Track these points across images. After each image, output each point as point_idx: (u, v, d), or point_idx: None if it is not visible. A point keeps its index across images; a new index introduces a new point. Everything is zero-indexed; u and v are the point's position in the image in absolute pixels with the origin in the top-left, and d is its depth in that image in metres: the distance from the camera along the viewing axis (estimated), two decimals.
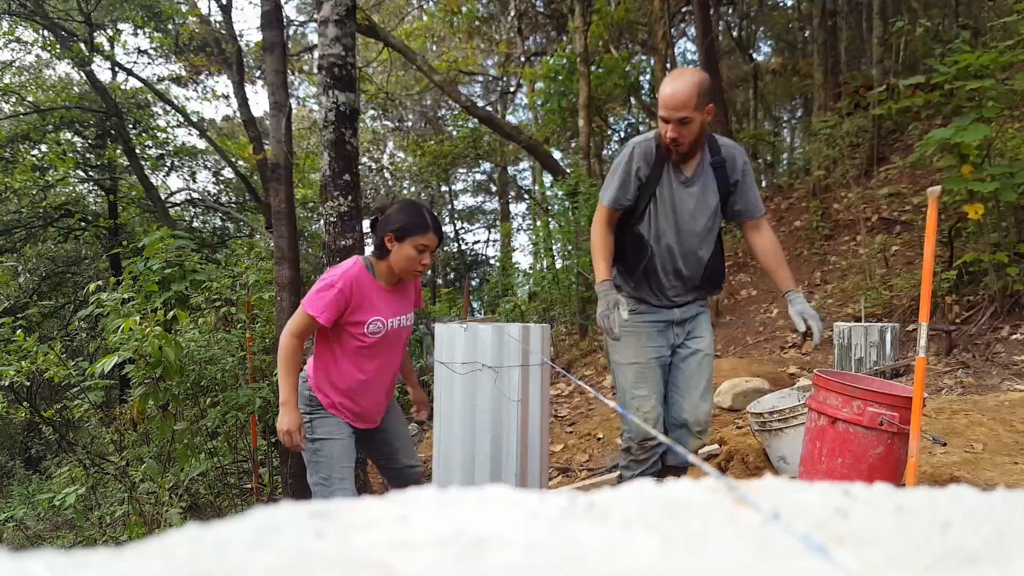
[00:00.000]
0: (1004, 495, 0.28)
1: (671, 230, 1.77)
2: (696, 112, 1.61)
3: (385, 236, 1.68)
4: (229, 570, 0.21)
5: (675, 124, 1.62)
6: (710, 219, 1.76)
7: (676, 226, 1.76)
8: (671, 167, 1.74)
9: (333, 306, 1.64)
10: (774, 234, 1.81)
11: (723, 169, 1.74)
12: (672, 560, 0.23)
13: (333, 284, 1.65)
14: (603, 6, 9.82)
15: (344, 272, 1.67)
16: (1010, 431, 2.47)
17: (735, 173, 1.75)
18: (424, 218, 1.68)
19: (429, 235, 1.68)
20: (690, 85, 1.59)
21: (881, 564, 0.23)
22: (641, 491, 0.27)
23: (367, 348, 1.73)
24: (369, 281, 1.72)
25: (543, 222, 9.41)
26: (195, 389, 3.21)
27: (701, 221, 1.75)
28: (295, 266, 3.41)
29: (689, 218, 1.75)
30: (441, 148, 12.28)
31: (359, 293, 1.68)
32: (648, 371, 1.81)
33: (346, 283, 1.65)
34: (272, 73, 3.40)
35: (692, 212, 1.74)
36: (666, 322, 1.84)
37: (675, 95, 1.60)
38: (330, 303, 1.63)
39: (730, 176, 1.75)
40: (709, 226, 1.77)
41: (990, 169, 3.89)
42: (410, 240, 1.66)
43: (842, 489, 0.28)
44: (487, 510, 0.25)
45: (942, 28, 8.57)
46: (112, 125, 9.74)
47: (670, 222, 1.76)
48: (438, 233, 1.72)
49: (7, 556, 0.21)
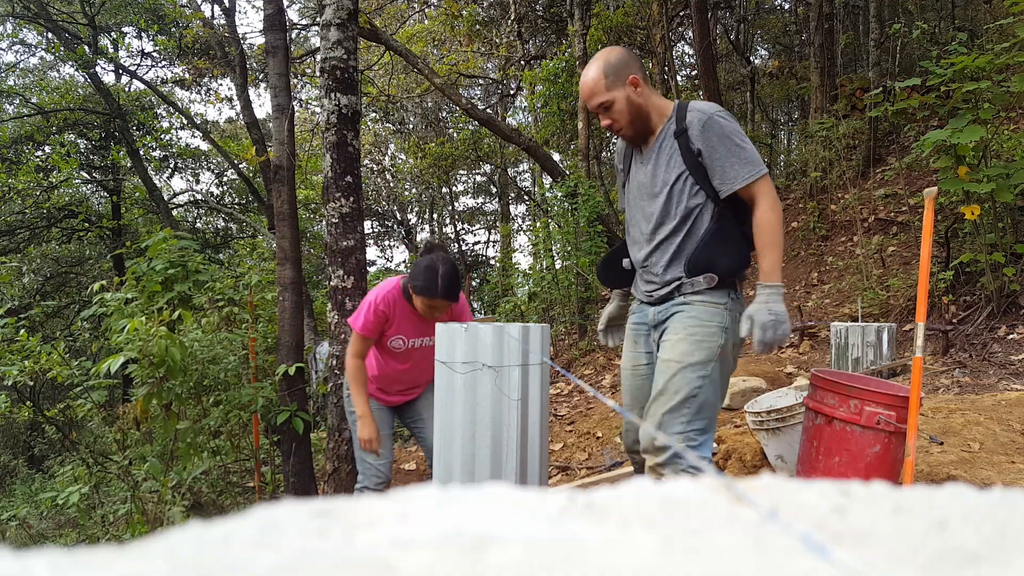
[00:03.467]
0: (1003, 495, 0.28)
1: (631, 212, 1.62)
2: (612, 92, 1.48)
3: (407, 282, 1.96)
4: (231, 568, 0.21)
5: (601, 113, 1.51)
6: (667, 195, 1.50)
7: (633, 208, 1.61)
8: (635, 151, 1.61)
9: (375, 324, 1.97)
10: (772, 212, 1.43)
11: (685, 138, 1.48)
12: (671, 558, 0.23)
13: (374, 305, 1.96)
14: (602, 10, 9.83)
15: (385, 294, 1.98)
16: (1007, 430, 2.47)
17: (696, 141, 1.46)
18: (435, 284, 1.87)
19: (437, 300, 1.90)
20: (595, 70, 1.49)
21: (879, 563, 0.23)
22: (640, 490, 0.28)
23: (396, 353, 2.08)
24: (403, 304, 2.01)
25: (543, 223, 9.41)
26: (198, 388, 3.21)
27: (658, 198, 1.51)
28: (297, 266, 3.41)
29: (642, 196, 1.56)
30: (442, 150, 12.29)
31: (394, 313, 1.99)
32: (624, 380, 1.69)
33: (386, 303, 1.97)
34: (275, 76, 3.41)
35: (647, 189, 1.54)
36: (644, 324, 1.64)
37: (584, 86, 1.51)
38: (372, 322, 1.97)
39: (692, 144, 1.46)
40: (668, 203, 1.51)
41: (986, 170, 3.89)
42: (420, 298, 1.91)
43: (840, 488, 0.28)
44: (487, 508, 0.26)
45: (938, 31, 8.57)
46: (116, 127, 9.76)
47: (631, 205, 1.62)
48: (449, 297, 1.89)
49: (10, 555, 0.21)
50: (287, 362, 3.31)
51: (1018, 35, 3.63)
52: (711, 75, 8.42)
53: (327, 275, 2.92)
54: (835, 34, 9.60)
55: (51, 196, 10.00)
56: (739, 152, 1.44)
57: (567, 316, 7.18)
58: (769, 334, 1.36)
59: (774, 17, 13.46)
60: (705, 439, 1.47)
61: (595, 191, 7.27)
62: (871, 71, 8.39)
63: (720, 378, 1.50)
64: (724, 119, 1.47)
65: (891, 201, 7.06)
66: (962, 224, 4.68)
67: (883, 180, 7.45)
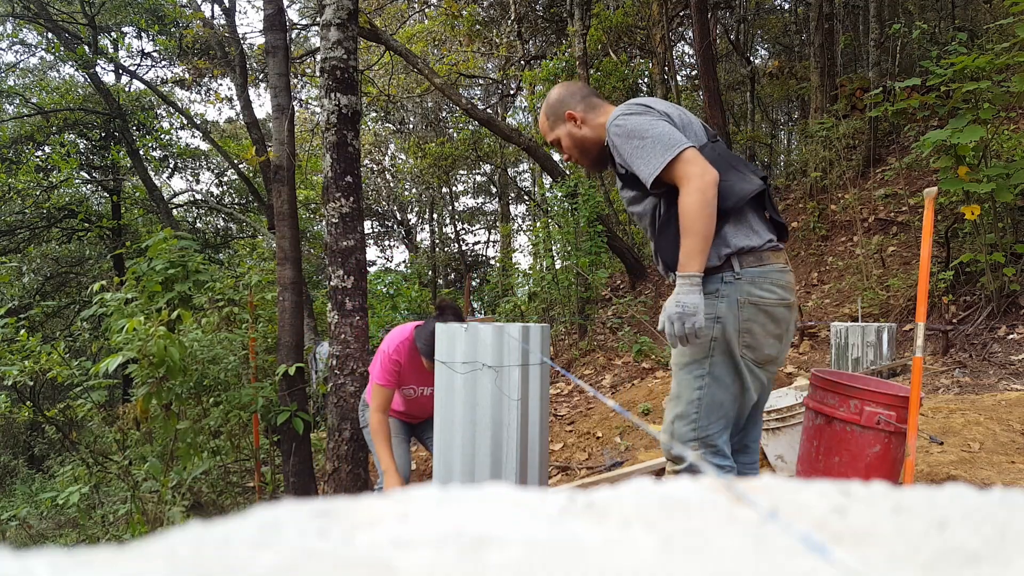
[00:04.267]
0: (1003, 495, 0.28)
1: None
2: (556, 131, 1.56)
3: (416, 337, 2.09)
4: (231, 568, 0.21)
5: (558, 149, 1.61)
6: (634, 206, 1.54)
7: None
8: None
9: (392, 373, 2.09)
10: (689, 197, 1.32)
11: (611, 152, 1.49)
12: (671, 558, 0.23)
13: (388, 355, 2.09)
14: (602, 10, 9.83)
15: (398, 344, 2.11)
16: (1007, 430, 2.47)
17: (614, 152, 1.46)
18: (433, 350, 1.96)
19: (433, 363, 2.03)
20: (541, 112, 1.60)
21: (879, 563, 0.23)
22: (640, 490, 0.28)
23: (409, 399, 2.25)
24: (414, 354, 2.12)
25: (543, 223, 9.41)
26: (198, 388, 3.21)
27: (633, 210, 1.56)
28: (297, 266, 3.41)
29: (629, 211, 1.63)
30: (442, 150, 12.30)
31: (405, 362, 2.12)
32: None
33: (398, 353, 2.10)
34: (275, 76, 3.41)
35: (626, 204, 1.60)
36: None
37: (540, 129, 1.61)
38: (390, 371, 2.09)
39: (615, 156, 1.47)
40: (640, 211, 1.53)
41: (986, 170, 3.89)
42: (426, 360, 2.04)
43: (840, 488, 0.28)
44: (487, 508, 0.26)
45: (938, 31, 8.58)
46: (116, 127, 9.76)
47: None
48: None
49: (10, 555, 0.21)
50: (287, 362, 3.31)
51: (1018, 35, 3.63)
52: (711, 75, 8.42)
53: (327, 275, 2.92)
54: (835, 34, 9.60)
55: (51, 196, 10.01)
56: (640, 148, 1.38)
57: (567, 316, 7.18)
58: (677, 326, 1.30)
59: (774, 17, 13.47)
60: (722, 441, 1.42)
61: (595, 191, 7.27)
62: (871, 71, 8.39)
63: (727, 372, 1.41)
64: (619, 124, 1.42)
65: (891, 201, 7.07)
66: (962, 224, 4.69)
67: (883, 180, 7.45)
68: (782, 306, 1.42)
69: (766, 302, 1.40)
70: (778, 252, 1.46)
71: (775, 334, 1.42)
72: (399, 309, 8.95)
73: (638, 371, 5.35)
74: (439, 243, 17.84)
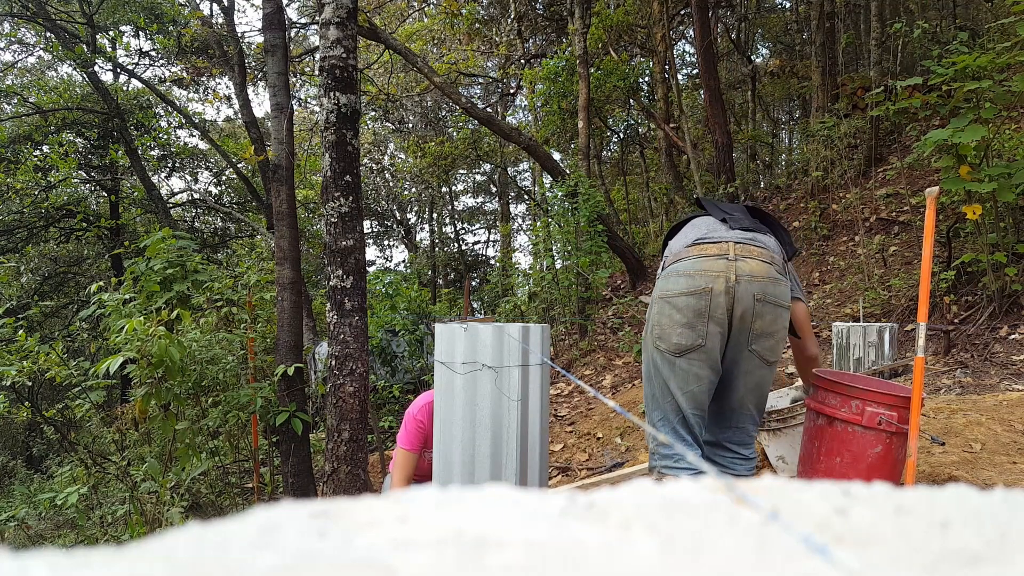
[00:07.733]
0: (1005, 496, 0.28)
1: None
2: None
3: None
4: (230, 570, 0.21)
5: None
6: None
7: None
8: None
9: (418, 436, 2.03)
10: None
11: None
12: (671, 560, 0.23)
13: (415, 417, 2.03)
14: (602, 8, 9.83)
15: (424, 405, 2.04)
16: (1008, 431, 2.47)
17: None
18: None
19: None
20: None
21: (881, 564, 0.23)
22: (641, 490, 0.27)
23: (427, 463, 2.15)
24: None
25: (543, 223, 9.41)
26: (197, 389, 3.21)
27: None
28: (296, 266, 3.41)
29: None
30: (442, 149, 12.29)
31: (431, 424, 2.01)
32: None
33: (423, 414, 2.02)
34: (274, 75, 3.41)
35: None
36: None
37: None
38: (415, 434, 2.02)
39: None
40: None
41: (988, 170, 3.89)
42: None
43: (841, 489, 0.28)
44: (487, 509, 0.26)
45: (940, 30, 8.57)
46: (114, 126, 9.75)
47: None
48: None
49: (9, 555, 0.21)
50: (286, 362, 3.31)
51: (1020, 34, 3.62)
52: (712, 74, 8.43)
53: (326, 275, 2.92)
54: (836, 33, 9.60)
55: (49, 195, 10.00)
56: None
57: (567, 316, 7.19)
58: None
59: (775, 16, 13.47)
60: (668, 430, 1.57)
61: (595, 191, 7.26)
62: (872, 70, 8.39)
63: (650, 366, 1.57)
64: None
65: (893, 201, 7.06)
66: (964, 224, 4.68)
67: (885, 179, 7.45)
68: (685, 295, 1.51)
69: (669, 293, 1.52)
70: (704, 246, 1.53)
71: (682, 323, 1.51)
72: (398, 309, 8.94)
73: (639, 371, 5.35)
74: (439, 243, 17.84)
